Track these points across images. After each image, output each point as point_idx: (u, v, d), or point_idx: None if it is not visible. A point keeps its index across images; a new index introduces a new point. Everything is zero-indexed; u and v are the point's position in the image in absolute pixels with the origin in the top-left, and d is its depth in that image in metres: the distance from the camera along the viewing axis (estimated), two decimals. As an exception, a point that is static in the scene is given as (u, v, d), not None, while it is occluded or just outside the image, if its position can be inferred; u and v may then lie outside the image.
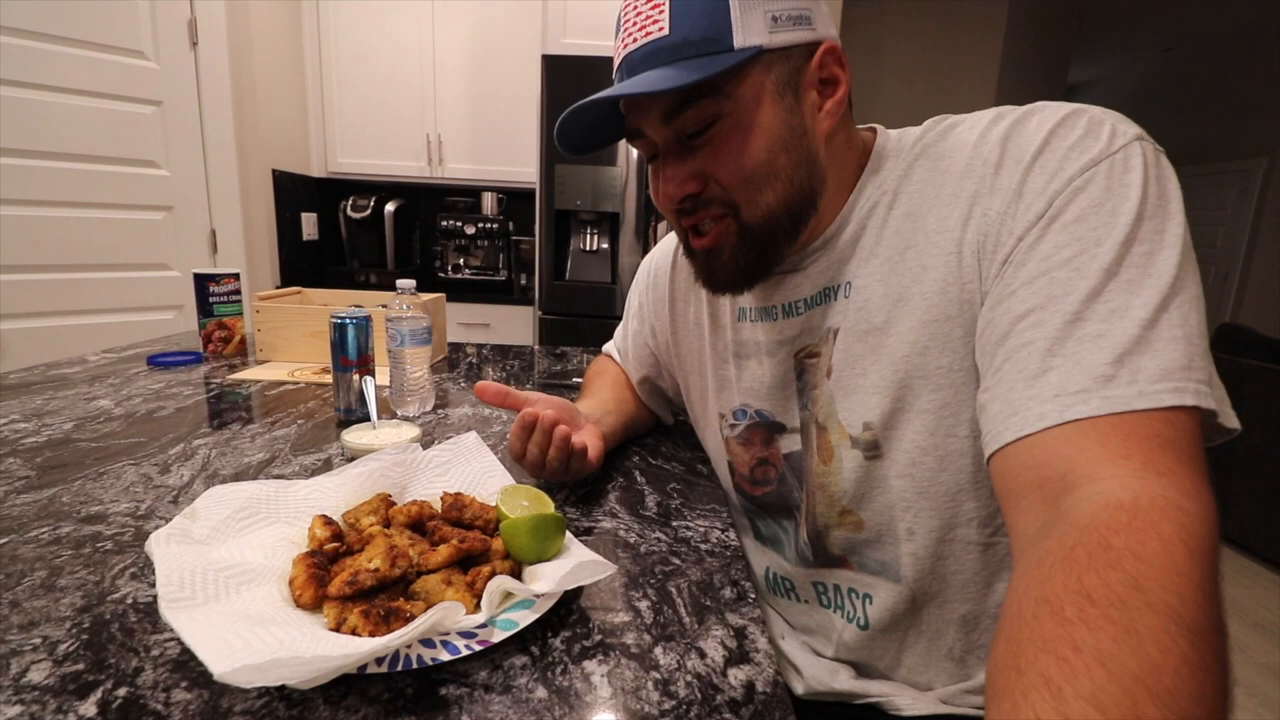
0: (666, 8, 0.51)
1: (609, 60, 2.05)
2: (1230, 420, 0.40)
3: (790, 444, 0.64)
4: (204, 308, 1.18)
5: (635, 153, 2.14)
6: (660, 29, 0.51)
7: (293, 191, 2.53)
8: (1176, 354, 0.39)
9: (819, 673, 0.64)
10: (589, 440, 0.66)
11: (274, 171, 2.38)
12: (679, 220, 0.59)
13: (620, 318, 0.92)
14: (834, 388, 0.58)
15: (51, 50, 1.74)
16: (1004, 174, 0.48)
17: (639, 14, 0.53)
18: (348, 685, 0.37)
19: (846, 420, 0.57)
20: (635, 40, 0.53)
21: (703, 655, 0.42)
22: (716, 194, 0.55)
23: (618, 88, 0.52)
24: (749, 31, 0.50)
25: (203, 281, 1.17)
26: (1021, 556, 0.38)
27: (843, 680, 0.63)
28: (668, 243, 0.82)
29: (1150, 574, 0.30)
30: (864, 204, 0.57)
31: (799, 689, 0.66)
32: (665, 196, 0.57)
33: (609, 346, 0.95)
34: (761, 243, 0.56)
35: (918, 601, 0.58)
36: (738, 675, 0.40)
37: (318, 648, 0.35)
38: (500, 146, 2.63)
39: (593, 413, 0.75)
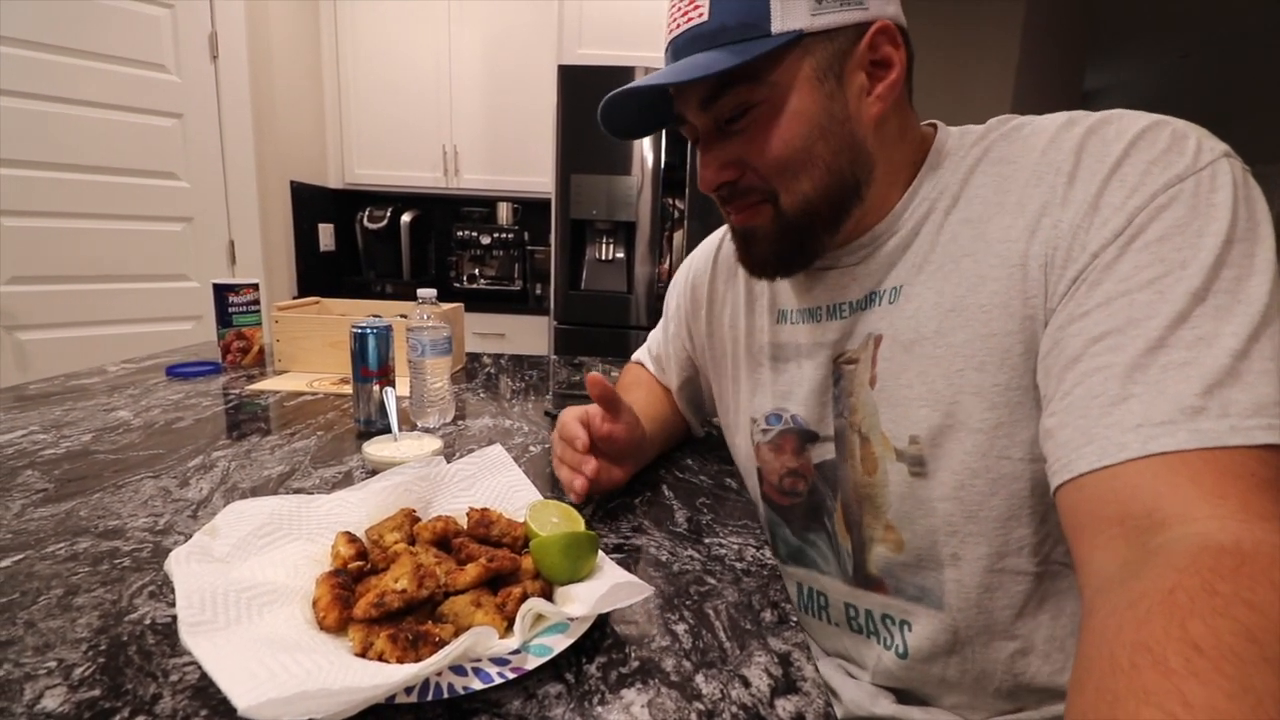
0: None
1: (626, 70, 2.07)
2: None
3: (823, 453, 0.62)
4: (223, 318, 1.18)
5: (650, 161, 2.13)
6: (700, 14, 0.51)
7: (310, 202, 2.54)
8: (1270, 388, 0.36)
9: (858, 697, 0.61)
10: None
11: (292, 183, 2.39)
12: (721, 205, 0.59)
13: (636, 326, 0.90)
14: (878, 397, 0.55)
15: (74, 64, 1.76)
16: (1079, 185, 0.45)
17: None
18: (375, 715, 0.35)
19: (891, 432, 0.55)
20: (679, 26, 0.53)
21: (747, 684, 0.39)
22: (754, 181, 0.55)
23: (650, 77, 0.52)
24: (789, 15, 0.49)
25: (221, 292, 1.17)
26: (1100, 595, 0.35)
27: (884, 706, 0.60)
28: (708, 244, 0.80)
29: (1265, 625, 0.27)
30: (919, 204, 0.55)
31: (837, 713, 0.63)
32: (704, 182, 0.57)
33: (640, 354, 0.92)
34: (800, 232, 0.55)
35: (961, 632, 0.55)
36: (786, 707, 0.38)
37: (345, 678, 0.33)
38: (516, 157, 2.63)
39: None
